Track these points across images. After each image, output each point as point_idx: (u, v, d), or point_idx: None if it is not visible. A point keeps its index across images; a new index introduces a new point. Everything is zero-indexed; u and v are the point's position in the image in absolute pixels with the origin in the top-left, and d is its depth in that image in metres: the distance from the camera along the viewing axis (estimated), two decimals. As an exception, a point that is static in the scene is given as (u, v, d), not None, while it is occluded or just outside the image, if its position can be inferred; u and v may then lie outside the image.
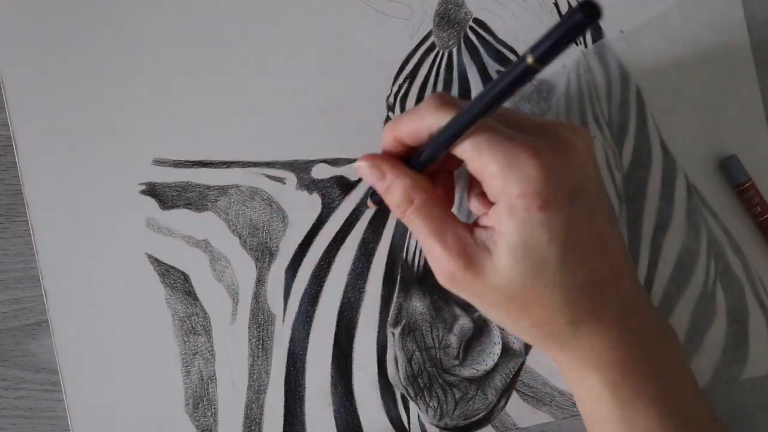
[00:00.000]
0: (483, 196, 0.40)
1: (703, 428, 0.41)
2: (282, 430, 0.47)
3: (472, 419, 0.47)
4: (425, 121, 0.39)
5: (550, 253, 0.37)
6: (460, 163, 0.40)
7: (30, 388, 0.46)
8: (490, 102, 0.35)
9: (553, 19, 0.48)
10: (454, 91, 0.48)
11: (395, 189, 0.40)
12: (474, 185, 0.41)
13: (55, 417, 0.46)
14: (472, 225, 0.40)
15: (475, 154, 0.37)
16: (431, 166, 0.40)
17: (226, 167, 0.47)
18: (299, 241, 0.47)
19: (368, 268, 0.48)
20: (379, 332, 0.47)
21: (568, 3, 0.48)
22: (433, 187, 0.40)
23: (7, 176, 0.47)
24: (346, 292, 0.47)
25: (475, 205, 0.41)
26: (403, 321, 0.47)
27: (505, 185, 0.37)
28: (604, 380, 0.40)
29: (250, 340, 0.47)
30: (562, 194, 0.37)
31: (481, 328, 0.47)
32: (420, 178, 0.40)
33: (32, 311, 0.46)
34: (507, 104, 0.47)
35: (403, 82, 0.48)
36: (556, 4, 0.48)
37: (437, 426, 0.47)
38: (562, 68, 0.48)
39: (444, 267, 0.39)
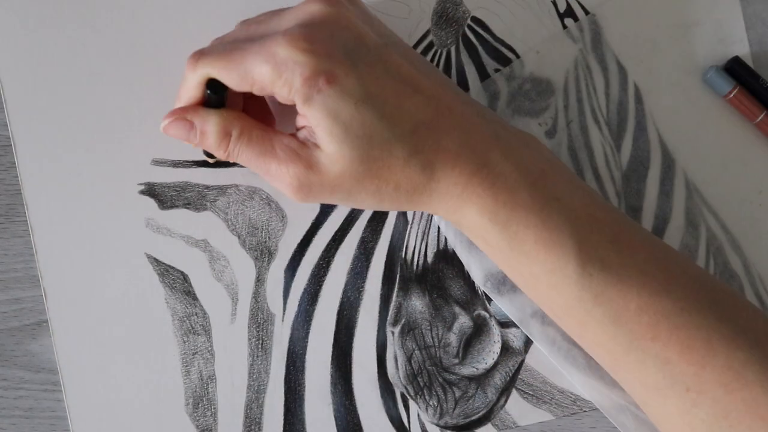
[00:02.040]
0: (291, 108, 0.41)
1: (592, 217, 0.40)
2: (282, 429, 0.47)
3: (472, 418, 0.47)
4: (189, 84, 0.40)
5: (365, 115, 0.38)
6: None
7: (30, 388, 0.46)
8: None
9: (551, 17, 0.48)
10: (453, 89, 0.48)
11: (208, 131, 0.40)
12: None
13: (55, 417, 0.46)
14: (296, 131, 0.40)
15: (248, 80, 0.39)
16: (231, 102, 0.42)
17: (225, 167, 0.47)
18: (298, 240, 0.47)
19: (367, 267, 0.48)
20: (378, 331, 0.47)
21: (566, 1, 0.48)
22: (244, 114, 0.41)
23: (7, 176, 0.47)
24: (345, 292, 0.47)
25: (295, 119, 0.41)
26: (403, 320, 0.47)
27: (287, 84, 0.38)
28: (479, 209, 0.39)
29: (249, 339, 0.47)
30: (339, 60, 0.38)
31: (480, 326, 0.47)
32: (226, 111, 0.41)
33: (32, 311, 0.46)
34: (505, 104, 0.47)
35: (402, 81, 0.48)
36: (554, 2, 0.48)
37: (437, 425, 0.47)
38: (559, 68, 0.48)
39: (287, 178, 0.39)
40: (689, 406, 0.39)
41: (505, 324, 0.48)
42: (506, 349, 0.48)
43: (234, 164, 0.47)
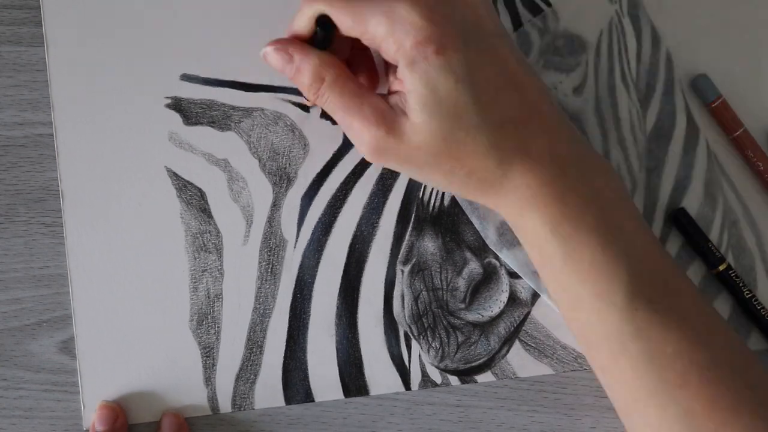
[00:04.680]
0: (393, 66, 0.40)
1: (649, 257, 0.40)
2: (283, 354, 0.47)
3: (473, 364, 0.48)
4: (302, 15, 0.41)
5: (461, 95, 0.38)
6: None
7: (30, 388, 0.46)
8: None
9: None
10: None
11: (304, 69, 0.40)
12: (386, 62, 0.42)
13: (55, 417, 0.46)
14: (387, 94, 0.41)
15: (360, 27, 0.39)
16: (339, 46, 0.42)
17: (254, 90, 0.47)
18: (318, 170, 0.47)
19: (384, 204, 0.48)
20: (388, 268, 0.48)
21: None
22: (343, 64, 0.41)
23: (7, 176, 0.46)
24: (359, 225, 0.48)
25: (390, 80, 0.41)
26: (414, 259, 0.47)
27: (397, 42, 0.38)
28: (543, 218, 0.39)
29: (260, 263, 0.47)
30: (454, 35, 0.38)
31: (490, 274, 0.48)
32: (328, 56, 0.41)
33: (32, 311, 0.46)
34: (536, 58, 0.47)
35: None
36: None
37: (437, 367, 0.47)
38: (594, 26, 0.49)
39: (366, 138, 0.39)
40: None
41: (515, 274, 0.48)
42: (513, 299, 0.48)
43: (256, 88, 0.47)
